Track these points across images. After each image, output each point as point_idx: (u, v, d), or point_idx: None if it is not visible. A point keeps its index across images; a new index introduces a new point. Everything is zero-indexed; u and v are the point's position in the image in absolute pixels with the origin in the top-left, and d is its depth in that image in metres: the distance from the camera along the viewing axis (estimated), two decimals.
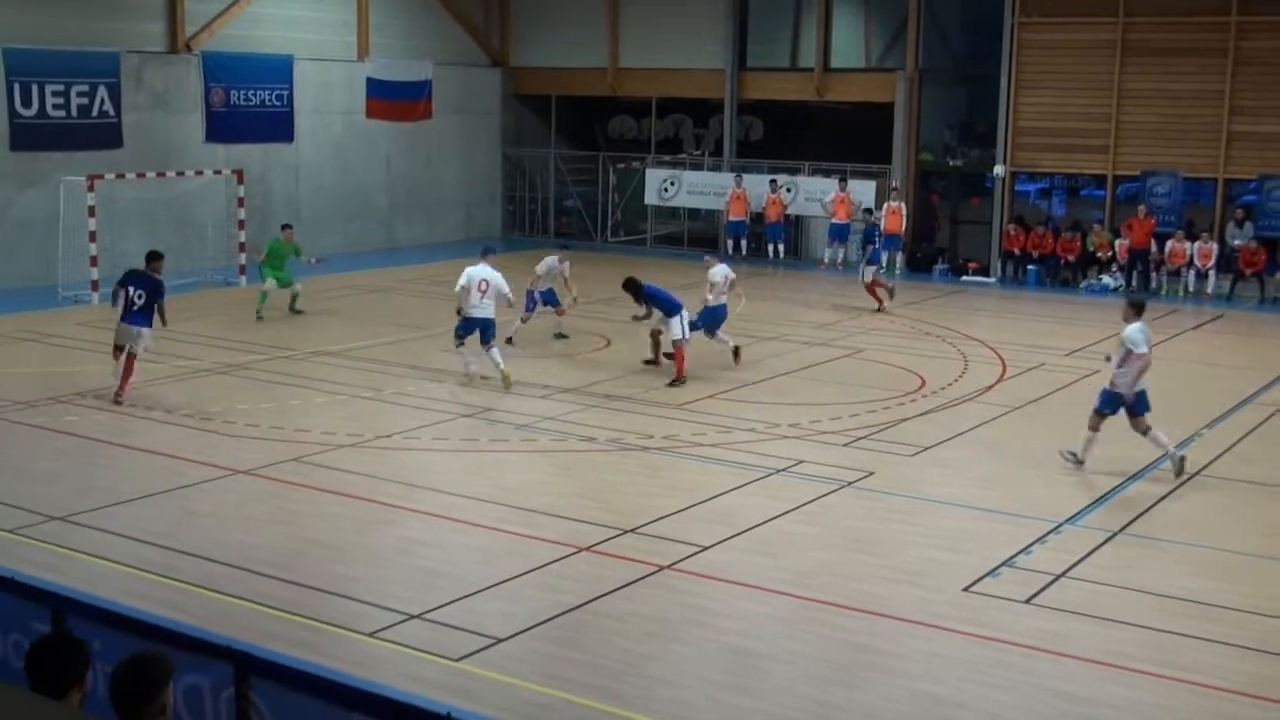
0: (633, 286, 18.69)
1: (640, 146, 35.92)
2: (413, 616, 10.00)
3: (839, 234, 30.80)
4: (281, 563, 11.12)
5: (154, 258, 17.13)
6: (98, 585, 10.24)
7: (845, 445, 15.25)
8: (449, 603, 10.28)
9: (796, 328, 22.79)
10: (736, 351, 19.30)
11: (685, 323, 18.32)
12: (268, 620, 9.90)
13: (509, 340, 19.91)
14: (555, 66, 34.79)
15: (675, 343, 18.25)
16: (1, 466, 13.84)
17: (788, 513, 12.74)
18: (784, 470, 14.17)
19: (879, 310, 24.21)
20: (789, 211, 31.62)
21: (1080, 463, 14.36)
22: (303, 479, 13.53)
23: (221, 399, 16.80)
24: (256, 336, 20.61)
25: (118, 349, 16.48)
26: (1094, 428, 14.34)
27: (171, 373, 18.10)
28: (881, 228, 29.77)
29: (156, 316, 16.67)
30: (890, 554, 11.79)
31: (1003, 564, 11.42)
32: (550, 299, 21.11)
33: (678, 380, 17.99)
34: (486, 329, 17.64)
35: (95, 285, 23.64)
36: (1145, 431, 14.22)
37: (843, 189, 30.48)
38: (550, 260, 21.07)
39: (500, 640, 9.59)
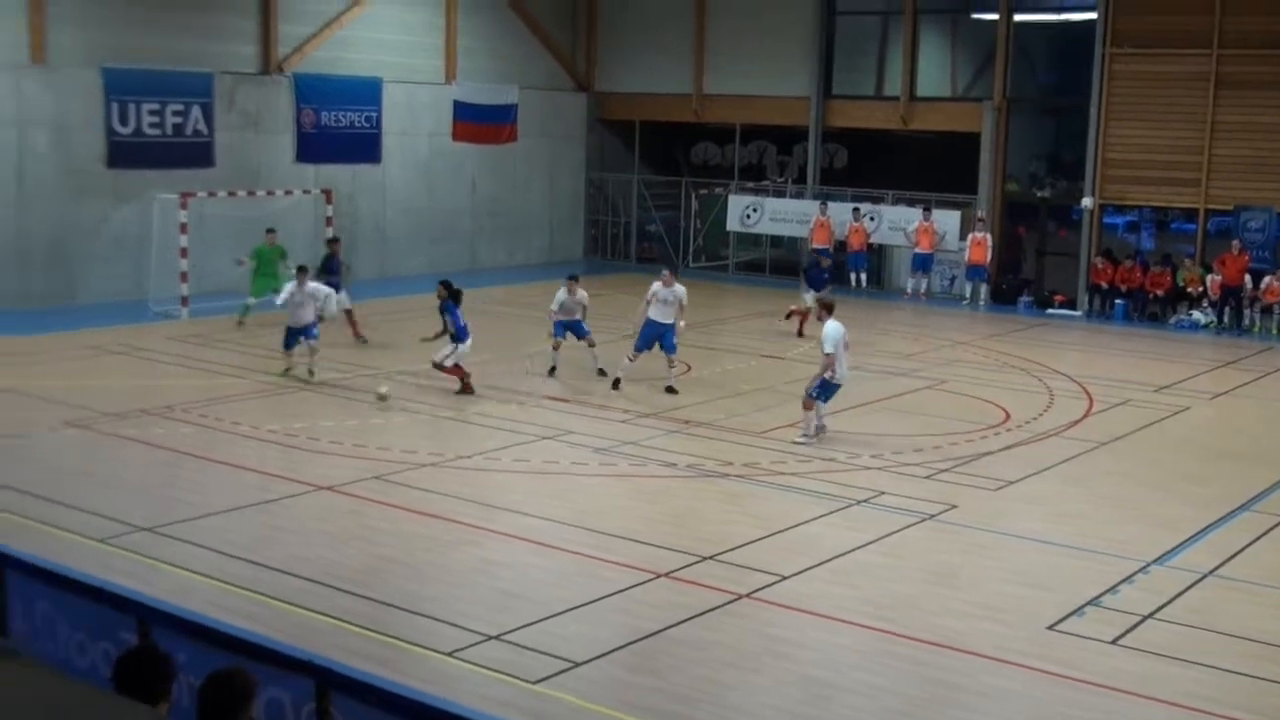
0: (449, 292, 18.69)
1: (723, 173, 35.92)
2: (491, 637, 10.02)
3: (922, 264, 30.58)
4: (361, 579, 11.21)
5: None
6: (183, 596, 10.36)
7: (927, 477, 15.09)
8: (527, 625, 10.29)
9: (878, 358, 22.62)
10: (616, 382, 19.33)
11: (466, 348, 18.55)
12: (347, 636, 9.96)
13: (551, 370, 20.18)
14: (640, 92, 34.93)
15: (453, 363, 18.53)
16: (92, 477, 14.09)
17: (868, 544, 12.63)
18: (865, 501, 14.05)
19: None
20: (872, 240, 31.45)
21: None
22: (383, 497, 13.63)
23: (306, 415, 16.99)
24: (340, 354, 20.82)
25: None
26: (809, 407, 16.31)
27: (257, 388, 18.35)
28: (965, 257, 29.59)
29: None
30: (971, 589, 11.63)
31: (1088, 603, 11.22)
32: (578, 330, 20.46)
33: (465, 390, 18.48)
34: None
35: (185, 301, 24.06)
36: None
37: (926, 218, 30.27)
38: (559, 294, 20.30)
39: (578, 664, 9.58)
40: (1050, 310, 29.27)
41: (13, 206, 24.16)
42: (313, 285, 19.74)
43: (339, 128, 29.46)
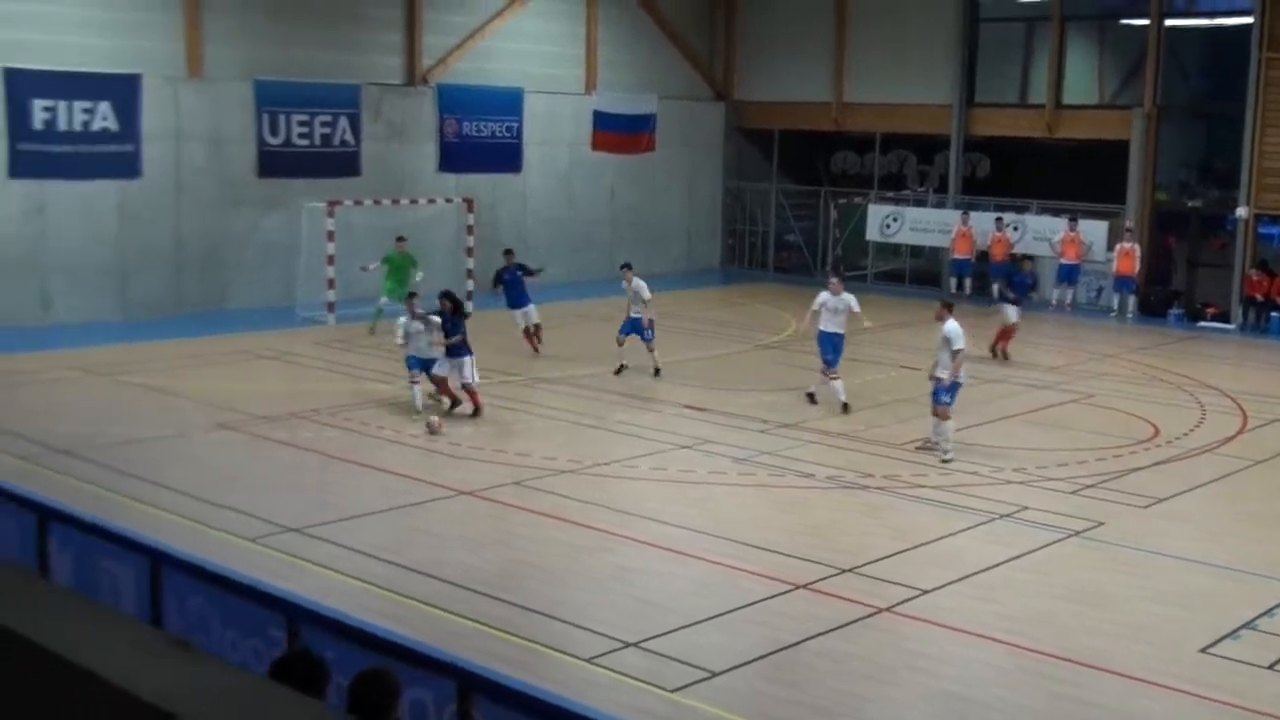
0: (452, 304, 17.82)
1: (863, 182, 35.60)
2: (629, 644, 10.05)
3: (1068, 275, 29.92)
4: (501, 583, 11.33)
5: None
6: (329, 596, 10.58)
7: (1072, 493, 14.75)
8: (664, 633, 10.30)
9: (1022, 370, 22.19)
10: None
11: (473, 367, 17.68)
12: (487, 639, 10.07)
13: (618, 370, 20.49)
14: (779, 100, 34.80)
15: (465, 386, 17.67)
16: (243, 478, 14.48)
17: (1011, 560, 12.39)
18: (1008, 516, 13.79)
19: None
20: (1015, 251, 30.86)
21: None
22: (522, 502, 13.77)
23: (448, 421, 17.23)
24: (482, 360, 21.05)
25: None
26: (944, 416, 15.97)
27: (400, 393, 18.66)
28: (1113, 268, 28.91)
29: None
30: (1119, 608, 11.33)
31: (1243, 626, 10.86)
32: (636, 327, 20.61)
33: (476, 413, 17.54)
34: None
35: (331, 307, 24.62)
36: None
37: (1072, 228, 29.63)
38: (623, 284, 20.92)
39: (715, 674, 9.56)
40: (1202, 323, 28.41)
41: (170, 215, 24.97)
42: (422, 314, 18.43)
43: (481, 137, 29.88)
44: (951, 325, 16.15)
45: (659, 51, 33.89)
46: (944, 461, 15.79)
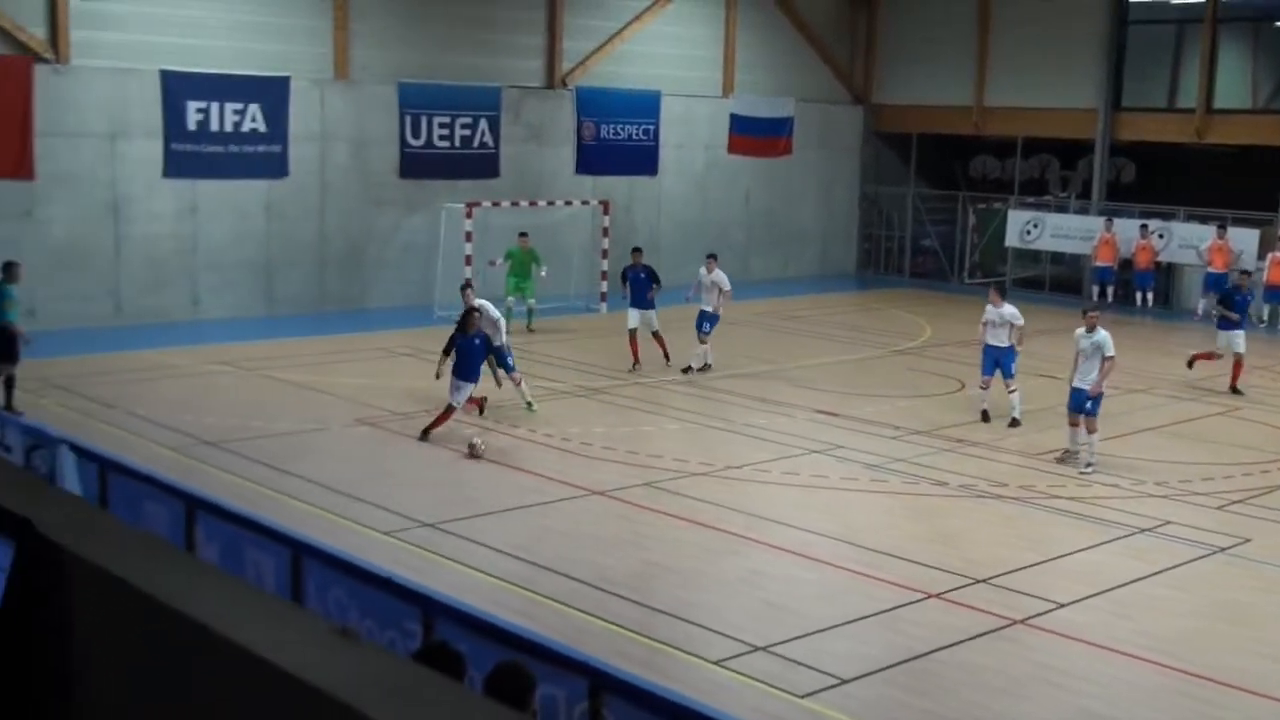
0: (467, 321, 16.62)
1: (1002, 187, 35.03)
2: (758, 648, 10.03)
3: (1215, 284, 29.02)
4: (631, 584, 11.38)
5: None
6: (462, 591, 10.73)
7: (1218, 508, 14.33)
8: (794, 638, 10.26)
9: (1165, 381, 21.63)
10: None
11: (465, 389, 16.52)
12: (617, 639, 10.13)
13: (702, 368, 20.70)
14: (918, 104, 34.39)
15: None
16: (380, 473, 14.77)
17: (1152, 575, 12.09)
18: (1149, 531, 13.45)
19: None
20: (1160, 258, 30.11)
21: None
22: (654, 503, 13.82)
23: (580, 420, 17.39)
24: (615, 362, 21.21)
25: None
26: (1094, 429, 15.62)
27: (535, 394, 18.86)
28: (1264, 277, 28.01)
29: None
30: (1267, 628, 11.00)
31: None
32: (707, 322, 20.82)
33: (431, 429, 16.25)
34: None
35: None
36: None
37: (1221, 236, 28.77)
38: (700, 272, 21.31)
39: (845, 681, 9.50)
40: None
41: (315, 215, 25.59)
42: (480, 302, 17.84)
43: (618, 140, 30.07)
44: (1103, 333, 15.81)
45: (797, 54, 33.75)
46: (1083, 473, 15.45)
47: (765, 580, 11.73)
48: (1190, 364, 21.47)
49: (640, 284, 21.62)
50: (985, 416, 18.21)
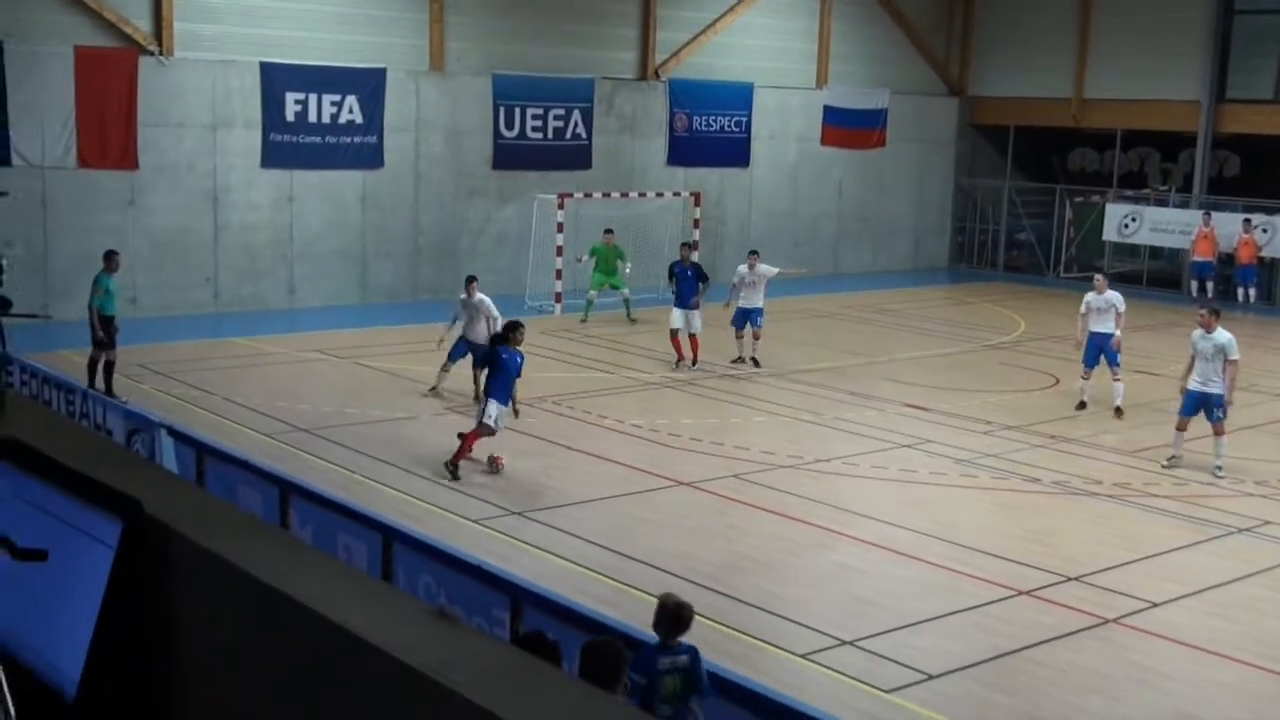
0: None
1: (1100, 180, 34.44)
2: (845, 642, 10.00)
3: None
4: (719, 575, 11.39)
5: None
6: (548, 579, 10.81)
7: None
8: (881, 632, 10.21)
9: (1267, 378, 21.15)
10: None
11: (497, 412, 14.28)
12: (704, 630, 10.09)
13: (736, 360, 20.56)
14: (1015, 96, 33.92)
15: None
16: (469, 461, 14.88)
17: (1251, 575, 11.85)
18: (1248, 530, 13.19)
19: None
20: (1264, 254, 29.43)
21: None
22: (741, 495, 13.82)
23: (668, 412, 17.42)
24: (703, 353, 21.18)
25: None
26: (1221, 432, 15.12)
27: (623, 384, 18.96)
28: None
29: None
30: None
31: None
32: (754, 319, 20.46)
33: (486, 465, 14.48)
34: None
35: (559, 297, 25.11)
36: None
37: None
38: (740, 269, 20.82)
39: (932, 676, 9.43)
40: None
41: (409, 205, 25.88)
42: (481, 297, 17.43)
43: (710, 132, 30.03)
44: (1225, 334, 15.22)
45: (892, 45, 33.46)
46: (1217, 476, 14.99)
47: (852, 574, 11.68)
48: None
49: (687, 282, 20.53)
50: (1083, 405, 18.04)
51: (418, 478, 13.97)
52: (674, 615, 6.96)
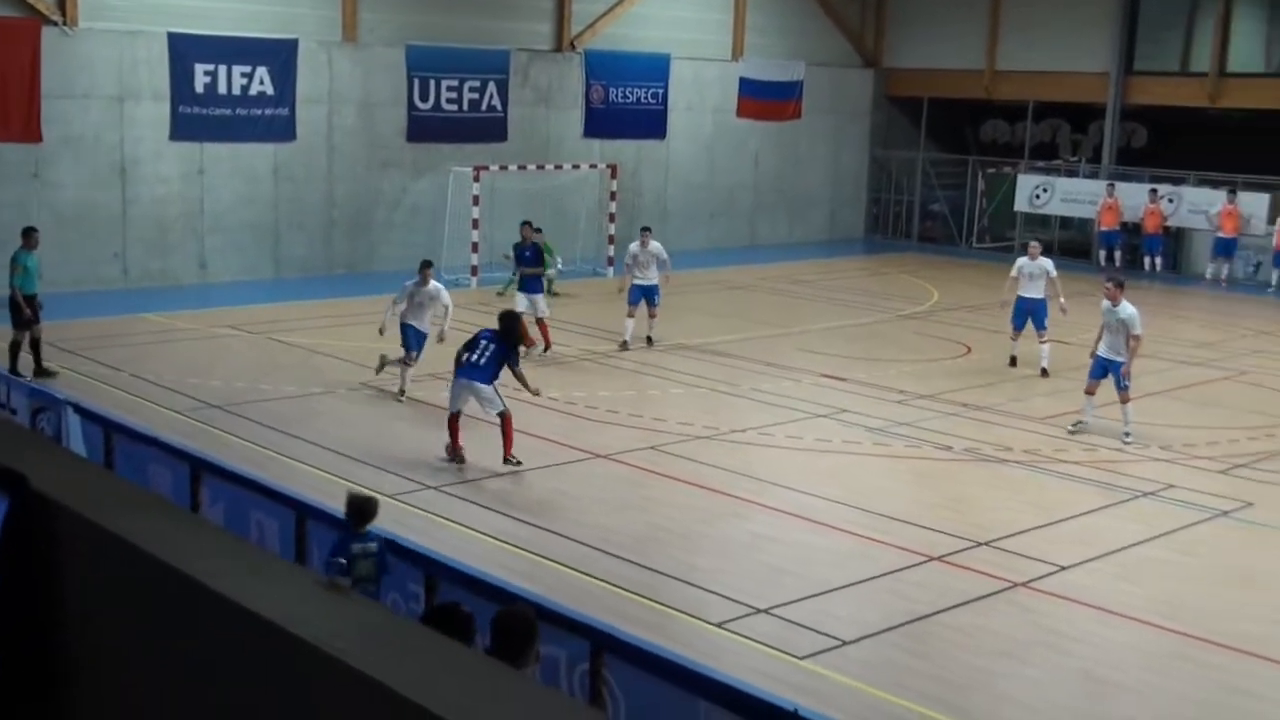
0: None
1: (1012, 151, 34.88)
2: (760, 611, 10.09)
3: (1225, 248, 29.00)
4: (635, 547, 11.43)
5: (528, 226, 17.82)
6: (465, 553, 10.79)
7: (1222, 472, 14.36)
8: (796, 600, 10.31)
9: (1172, 345, 21.60)
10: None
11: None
12: (620, 601, 10.19)
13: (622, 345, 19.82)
14: (929, 68, 34.22)
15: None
16: (384, 435, 14.82)
17: (1155, 539, 12.12)
18: (1152, 494, 13.48)
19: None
20: (1169, 223, 30.01)
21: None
22: (658, 467, 13.87)
23: (586, 384, 17.42)
24: (620, 326, 21.18)
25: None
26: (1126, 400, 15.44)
27: (541, 358, 18.88)
28: (1275, 242, 27.97)
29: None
30: (1270, 592, 11.03)
31: None
32: (650, 296, 19.70)
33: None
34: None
35: (475, 270, 24.97)
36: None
37: (1231, 201, 28.68)
38: (632, 248, 20.05)
39: (846, 642, 9.55)
40: None
41: (322, 178, 25.58)
42: (435, 286, 16.65)
43: (626, 103, 29.97)
44: (1129, 308, 15.49)
45: (808, 18, 33.58)
46: (1126, 443, 15.27)
47: (768, 543, 11.78)
48: None
49: (527, 264, 19.63)
50: (1014, 361, 18.93)
51: (333, 454, 13.85)
52: (360, 508, 8.14)
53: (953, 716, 8.50)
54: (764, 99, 32.59)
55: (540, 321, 18.98)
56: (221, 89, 23.97)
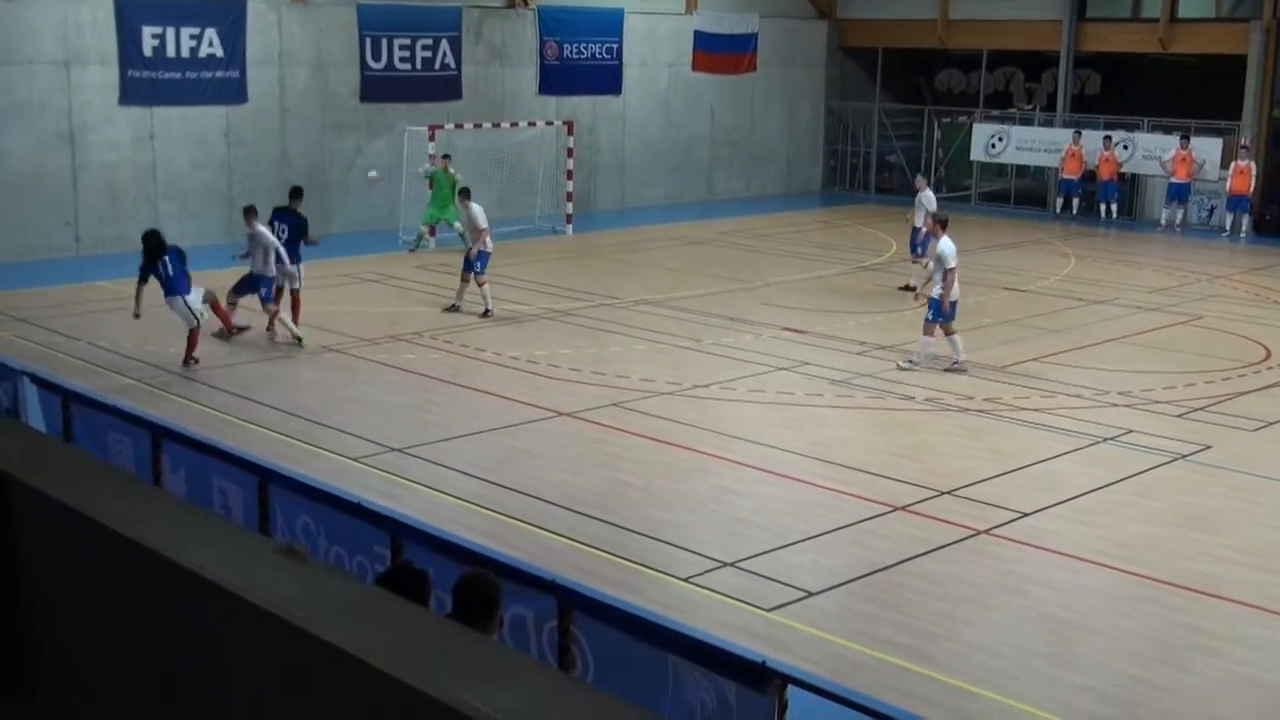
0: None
1: (968, 100, 34.93)
2: (726, 564, 10.13)
3: (1178, 194, 29.19)
4: (600, 504, 11.45)
5: (296, 195, 17.94)
6: (431, 514, 10.79)
7: (1179, 416, 14.51)
8: (762, 553, 10.36)
9: (1129, 291, 21.77)
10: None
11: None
12: (587, 559, 10.22)
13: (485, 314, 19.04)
14: (883, 18, 34.15)
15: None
16: (347, 400, 14.76)
17: (1115, 483, 12.24)
18: (1112, 439, 13.61)
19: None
20: (1124, 169, 30.17)
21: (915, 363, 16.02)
22: (622, 424, 13.87)
23: (547, 343, 17.39)
24: (581, 284, 21.18)
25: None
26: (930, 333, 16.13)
27: (501, 316, 18.84)
28: (1227, 187, 28.17)
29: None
30: (1228, 533, 11.17)
31: None
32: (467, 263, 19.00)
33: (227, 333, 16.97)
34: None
35: (433, 231, 24.79)
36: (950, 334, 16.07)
37: (1184, 146, 28.85)
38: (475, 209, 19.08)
39: (812, 594, 9.61)
40: None
41: (276, 140, 25.30)
42: (260, 230, 16.81)
43: (581, 59, 29.77)
44: (946, 243, 16.20)
45: None
46: (902, 367, 16.13)
47: (733, 497, 11.82)
48: None
49: (296, 231, 17.50)
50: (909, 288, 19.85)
51: (295, 418, 13.78)
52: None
53: (919, 664, 8.58)
54: (719, 52, 32.44)
55: (294, 292, 17.40)
56: (170, 52, 23.63)
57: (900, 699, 7.95)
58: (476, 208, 19.09)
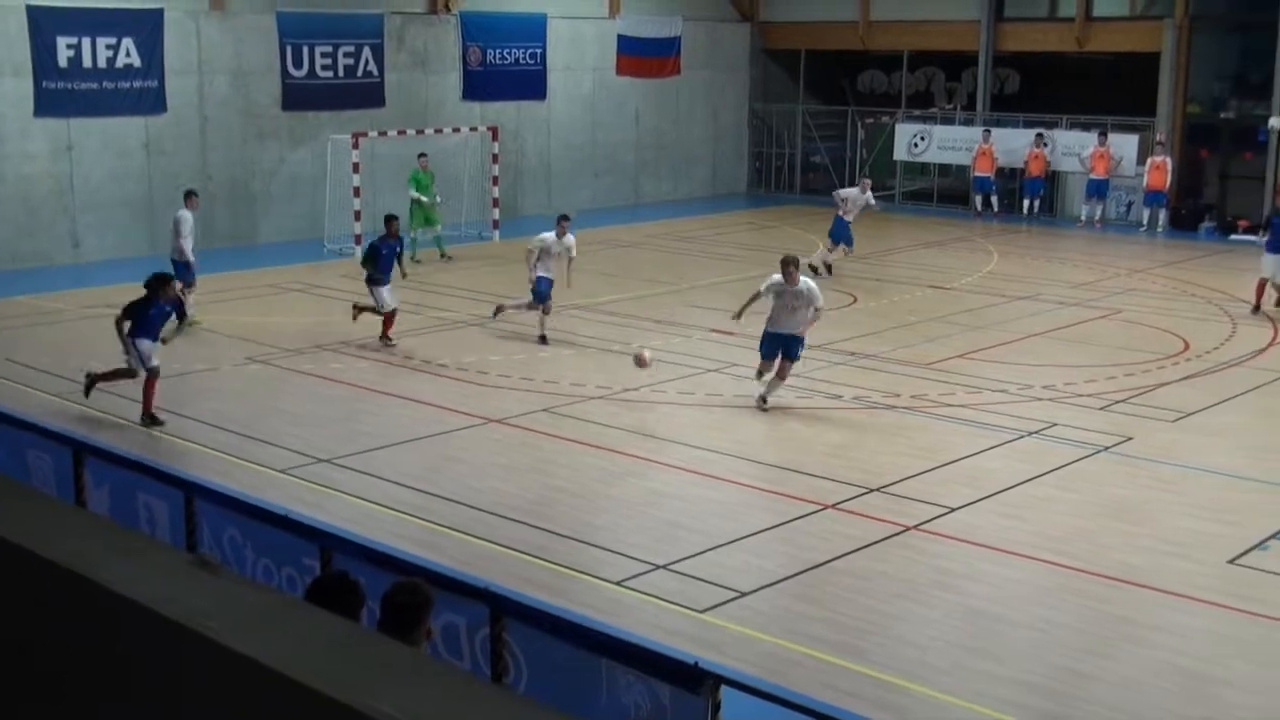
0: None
1: (890, 101, 35.26)
2: (658, 567, 10.14)
3: (1097, 190, 29.66)
4: (532, 509, 11.42)
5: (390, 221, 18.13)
6: (361, 524, 10.71)
7: (1101, 409, 14.73)
8: (694, 555, 10.39)
9: (1051, 287, 22.07)
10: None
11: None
12: (519, 565, 10.19)
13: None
14: (805, 20, 34.40)
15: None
16: (273, 410, 14.61)
17: (1040, 476, 12.41)
18: (1036, 433, 13.79)
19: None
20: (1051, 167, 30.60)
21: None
22: (552, 429, 13.85)
23: (476, 350, 17.31)
24: (509, 289, 21.05)
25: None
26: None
27: (428, 324, 18.75)
28: (1144, 183, 28.66)
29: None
30: (1150, 523, 11.36)
31: (1272, 536, 10.87)
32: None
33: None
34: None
35: (359, 239, 24.61)
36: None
37: (1102, 143, 29.32)
38: (547, 236, 18.05)
39: (744, 594, 9.65)
40: (1233, 236, 28.12)
41: (196, 150, 24.99)
42: (183, 213, 18.35)
43: (505, 65, 29.70)
44: (808, 282, 14.87)
45: None
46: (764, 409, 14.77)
47: (665, 500, 11.83)
48: (1258, 309, 19.98)
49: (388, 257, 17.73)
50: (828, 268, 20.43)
51: (222, 431, 13.62)
52: None
53: (851, 660, 8.64)
54: (642, 56, 32.51)
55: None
56: (86, 62, 23.28)
57: (833, 695, 8.00)
58: (570, 238, 18.10)
